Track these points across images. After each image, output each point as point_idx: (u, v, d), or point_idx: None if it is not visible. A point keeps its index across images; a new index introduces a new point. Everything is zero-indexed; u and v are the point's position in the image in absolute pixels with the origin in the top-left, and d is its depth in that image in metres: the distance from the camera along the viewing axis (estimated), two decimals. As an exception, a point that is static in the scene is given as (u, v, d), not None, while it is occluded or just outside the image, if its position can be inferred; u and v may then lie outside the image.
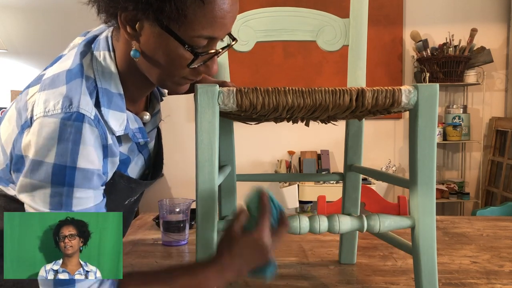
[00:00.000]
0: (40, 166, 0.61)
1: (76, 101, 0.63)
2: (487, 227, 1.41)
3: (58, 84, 0.65)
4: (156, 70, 0.69)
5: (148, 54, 0.67)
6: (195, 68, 0.68)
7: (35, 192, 0.62)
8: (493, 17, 3.23)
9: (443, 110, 3.27)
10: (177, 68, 0.68)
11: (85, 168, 0.63)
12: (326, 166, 3.19)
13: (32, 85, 0.69)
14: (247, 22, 0.99)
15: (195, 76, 0.71)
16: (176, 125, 3.27)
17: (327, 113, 0.77)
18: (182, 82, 0.72)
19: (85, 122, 0.62)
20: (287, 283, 0.97)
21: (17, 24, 3.32)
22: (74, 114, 0.62)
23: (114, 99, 0.69)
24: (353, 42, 1.01)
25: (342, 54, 1.04)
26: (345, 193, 1.08)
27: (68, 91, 0.64)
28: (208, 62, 0.69)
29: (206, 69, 0.70)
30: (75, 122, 0.62)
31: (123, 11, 0.63)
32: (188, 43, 0.64)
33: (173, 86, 0.72)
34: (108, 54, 0.70)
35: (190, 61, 0.66)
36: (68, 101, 0.63)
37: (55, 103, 0.63)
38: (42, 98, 0.64)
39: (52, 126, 0.61)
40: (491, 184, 3.25)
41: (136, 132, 0.75)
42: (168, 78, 0.70)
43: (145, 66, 0.69)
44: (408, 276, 0.99)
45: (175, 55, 0.65)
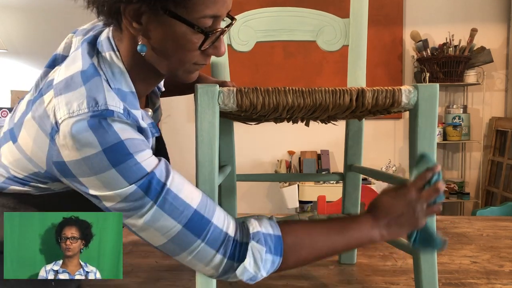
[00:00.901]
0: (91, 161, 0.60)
1: (102, 99, 0.63)
2: (487, 227, 1.41)
3: (75, 86, 0.64)
4: (167, 61, 0.69)
5: (157, 46, 0.67)
6: (204, 51, 0.69)
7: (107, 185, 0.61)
8: (493, 17, 3.23)
9: (443, 110, 3.27)
10: (188, 53, 0.68)
11: (129, 138, 0.63)
12: (326, 166, 3.19)
13: (44, 93, 0.68)
14: (247, 22, 0.99)
15: (205, 60, 0.72)
16: (176, 125, 3.27)
17: (327, 113, 0.77)
18: (192, 68, 0.72)
19: (115, 117, 0.62)
20: (287, 283, 0.97)
21: (17, 24, 3.32)
22: (103, 112, 0.61)
23: (128, 98, 0.69)
24: (353, 42, 1.01)
25: (342, 54, 1.04)
26: (345, 193, 1.08)
27: (89, 91, 0.63)
28: (215, 43, 0.69)
29: (215, 50, 0.70)
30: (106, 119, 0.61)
31: (127, 4, 0.63)
32: (197, 25, 0.64)
33: (184, 74, 0.73)
34: (114, 54, 0.70)
35: (201, 42, 0.66)
36: (93, 101, 0.62)
37: (79, 103, 0.62)
38: (62, 101, 0.63)
39: (83, 125, 0.60)
40: (491, 184, 3.25)
41: (151, 127, 0.75)
42: (179, 67, 0.70)
43: (154, 59, 0.70)
44: (408, 276, 0.99)
45: (185, 40, 0.66)
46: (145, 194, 0.62)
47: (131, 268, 1.05)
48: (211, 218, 0.66)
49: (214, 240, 0.65)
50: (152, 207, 0.62)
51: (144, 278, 0.99)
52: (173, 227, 0.63)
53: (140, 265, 1.07)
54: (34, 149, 0.66)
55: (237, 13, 0.98)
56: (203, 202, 0.67)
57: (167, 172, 0.65)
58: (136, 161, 0.62)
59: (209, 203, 0.68)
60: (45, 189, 0.73)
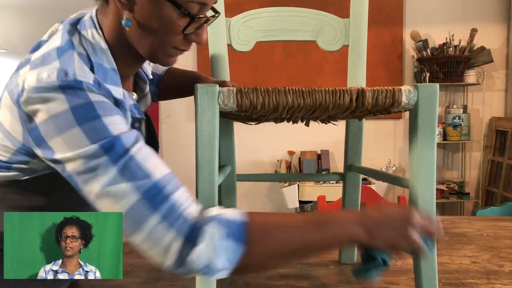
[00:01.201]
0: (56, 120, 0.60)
1: (72, 70, 0.63)
2: (487, 227, 1.41)
3: (50, 61, 0.64)
4: (148, 40, 0.69)
5: (142, 22, 0.68)
6: (186, 36, 0.70)
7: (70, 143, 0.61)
8: (493, 17, 3.23)
9: (443, 110, 3.27)
10: (170, 35, 0.69)
11: (100, 100, 0.63)
12: (326, 166, 3.19)
13: (21, 68, 0.68)
14: (247, 22, 0.99)
15: (186, 46, 0.72)
16: (176, 125, 3.27)
17: (327, 113, 0.77)
18: (172, 52, 0.73)
19: (84, 87, 0.62)
20: (287, 283, 0.96)
21: (17, 24, 3.32)
22: (71, 82, 0.61)
23: (109, 74, 0.70)
24: (353, 42, 1.01)
25: (342, 54, 1.04)
26: (345, 193, 1.08)
27: (61, 65, 0.63)
28: (199, 30, 0.70)
29: (197, 37, 0.71)
30: (76, 87, 0.61)
31: None
32: (184, 7, 0.66)
33: (164, 57, 0.73)
34: (95, 31, 0.71)
35: (185, 26, 0.67)
36: (63, 71, 0.62)
37: (49, 73, 0.62)
38: (33, 73, 0.63)
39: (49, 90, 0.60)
40: (491, 184, 3.25)
41: (133, 108, 0.76)
42: (159, 48, 0.71)
43: (136, 37, 0.70)
44: (408, 276, 0.99)
45: (169, 21, 0.67)
46: (105, 154, 0.60)
47: (131, 268, 1.05)
48: (171, 195, 0.62)
49: (171, 219, 0.61)
50: (111, 169, 0.60)
51: (144, 278, 0.99)
52: (129, 195, 0.60)
53: (140, 265, 1.07)
54: (11, 122, 0.67)
55: (237, 13, 0.98)
56: (167, 178, 0.63)
57: (135, 141, 0.63)
58: (102, 123, 0.61)
59: (174, 181, 0.64)
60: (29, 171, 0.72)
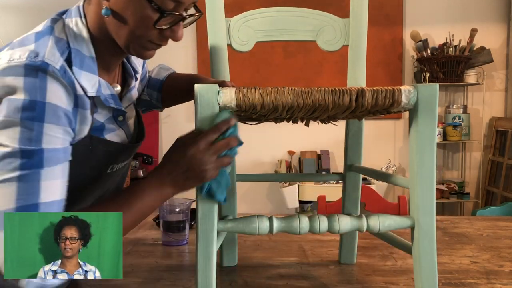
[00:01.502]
0: (9, 103, 0.62)
1: (42, 53, 0.66)
2: (487, 227, 1.41)
3: (27, 43, 0.68)
4: (124, 31, 0.72)
5: (117, 12, 0.70)
6: (161, 31, 0.71)
7: (4, 130, 0.63)
8: (493, 17, 3.23)
9: (443, 110, 3.27)
10: (144, 28, 0.70)
11: (54, 104, 0.65)
12: (326, 166, 3.19)
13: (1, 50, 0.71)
14: (247, 22, 0.99)
15: (161, 41, 0.74)
16: (176, 125, 3.27)
17: (327, 113, 0.77)
18: (148, 46, 0.74)
19: (49, 70, 0.65)
20: (287, 283, 0.96)
21: (17, 24, 3.32)
22: (38, 62, 0.65)
23: (86, 61, 0.72)
24: (353, 42, 1.01)
25: (342, 54, 1.04)
26: (345, 193, 1.08)
27: (36, 48, 0.67)
28: (174, 27, 0.72)
29: (172, 33, 0.73)
30: (40, 70, 0.64)
31: None
32: (155, 2, 0.67)
33: (139, 49, 0.75)
34: (79, 20, 0.74)
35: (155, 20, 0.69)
36: (34, 53, 0.66)
37: (20, 54, 0.65)
38: (8, 53, 0.66)
39: (17, 70, 0.63)
40: (491, 184, 3.25)
41: (109, 97, 0.78)
42: (134, 40, 0.73)
43: (113, 27, 0.72)
44: (408, 276, 0.99)
45: (142, 14, 0.69)
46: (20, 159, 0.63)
47: (131, 268, 1.05)
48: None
49: None
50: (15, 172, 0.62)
51: (144, 278, 0.99)
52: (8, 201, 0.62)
53: (140, 265, 1.07)
54: None
55: (237, 13, 0.98)
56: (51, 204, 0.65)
57: (55, 161, 0.66)
58: (41, 129, 0.64)
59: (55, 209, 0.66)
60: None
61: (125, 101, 0.87)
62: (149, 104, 1.08)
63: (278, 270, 1.04)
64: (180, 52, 3.28)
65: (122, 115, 0.84)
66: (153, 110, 1.13)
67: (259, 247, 1.21)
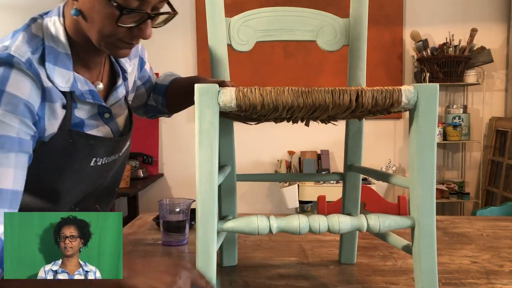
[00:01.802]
0: None
1: (12, 46, 0.69)
2: (487, 227, 1.41)
3: (5, 40, 0.72)
4: (93, 30, 0.73)
5: (84, 11, 0.72)
6: (128, 29, 0.72)
7: None
8: (493, 17, 3.23)
9: (443, 110, 3.27)
10: (109, 27, 0.71)
11: (13, 93, 0.66)
12: (326, 166, 3.19)
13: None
14: (247, 22, 0.99)
15: (130, 39, 0.75)
16: (176, 125, 3.26)
17: (327, 113, 0.77)
18: (119, 44, 0.75)
19: (14, 62, 0.67)
20: (287, 283, 0.96)
21: (17, 24, 3.32)
22: (4, 55, 0.68)
23: (60, 57, 0.75)
24: (353, 42, 1.01)
25: (342, 54, 1.04)
26: (345, 193, 1.08)
27: (9, 43, 0.71)
28: (141, 25, 0.73)
29: (139, 32, 0.74)
30: (5, 62, 0.67)
31: None
32: (116, 0, 0.68)
33: (111, 48, 0.76)
34: (58, 19, 0.77)
35: (117, 18, 0.70)
36: (4, 48, 0.69)
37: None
38: None
39: None
40: (491, 184, 3.25)
41: (86, 93, 0.79)
42: (103, 39, 0.74)
43: (85, 27, 0.74)
44: (408, 276, 0.99)
45: (103, 12, 0.70)
46: None
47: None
48: None
49: None
50: None
51: (144, 278, 0.99)
52: None
53: (140, 265, 1.07)
54: None
55: (237, 13, 0.98)
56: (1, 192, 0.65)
57: (9, 148, 0.66)
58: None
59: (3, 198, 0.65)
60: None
61: (111, 99, 0.88)
62: (156, 109, 1.10)
63: (278, 270, 1.04)
64: (180, 52, 3.28)
65: (108, 112, 0.85)
66: (161, 116, 1.14)
67: (259, 247, 1.21)
